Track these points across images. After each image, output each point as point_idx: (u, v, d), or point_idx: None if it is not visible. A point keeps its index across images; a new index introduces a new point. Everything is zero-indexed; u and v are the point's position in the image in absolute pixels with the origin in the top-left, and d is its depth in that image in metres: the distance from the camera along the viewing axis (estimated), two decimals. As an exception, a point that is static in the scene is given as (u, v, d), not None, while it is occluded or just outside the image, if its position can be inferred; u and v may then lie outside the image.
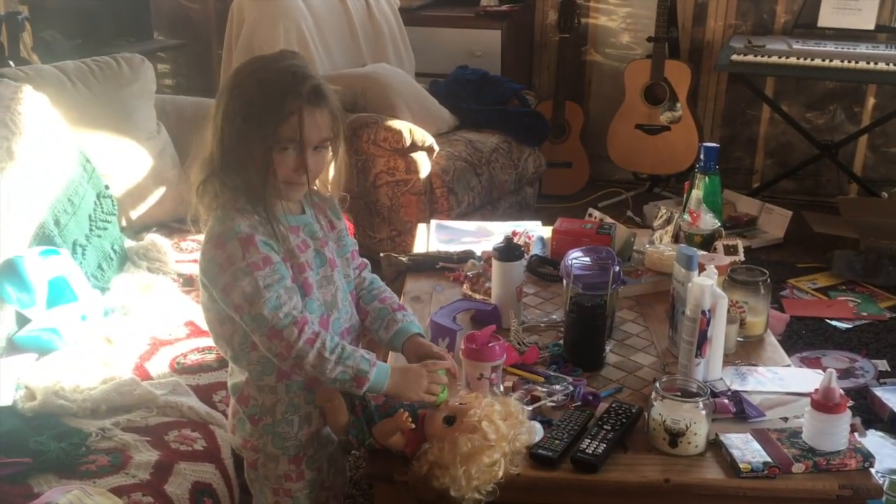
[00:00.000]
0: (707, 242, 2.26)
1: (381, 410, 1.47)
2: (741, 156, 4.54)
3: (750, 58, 3.89)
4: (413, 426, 1.40)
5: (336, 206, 1.61)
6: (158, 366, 1.97)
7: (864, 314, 3.20)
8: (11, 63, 3.60)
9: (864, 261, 3.48)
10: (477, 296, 2.08)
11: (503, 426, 1.41)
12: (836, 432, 1.48)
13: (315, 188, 1.55)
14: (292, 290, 1.43)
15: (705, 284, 1.64)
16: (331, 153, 1.50)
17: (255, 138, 1.39)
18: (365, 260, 1.70)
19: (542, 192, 4.24)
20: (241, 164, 1.41)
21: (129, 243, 2.54)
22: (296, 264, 1.46)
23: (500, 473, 1.39)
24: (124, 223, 2.65)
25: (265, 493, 1.58)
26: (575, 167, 4.46)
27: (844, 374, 2.78)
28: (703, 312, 1.63)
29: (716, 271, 1.71)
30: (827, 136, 4.28)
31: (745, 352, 1.88)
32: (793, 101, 4.37)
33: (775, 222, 3.95)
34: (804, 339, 3.02)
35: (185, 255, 2.59)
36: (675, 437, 1.49)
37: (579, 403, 1.65)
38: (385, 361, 1.70)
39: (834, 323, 3.14)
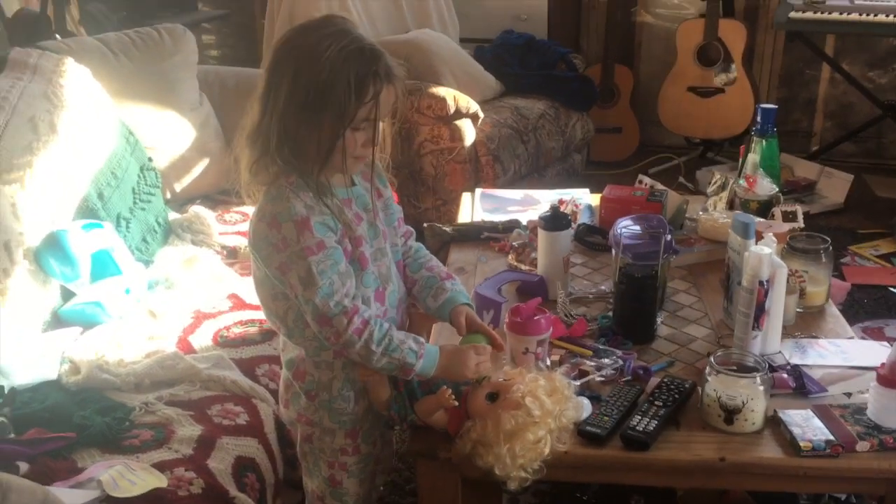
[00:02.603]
0: (764, 209, 2.17)
1: (424, 387, 1.43)
2: (799, 118, 4.37)
3: (809, 14, 3.72)
4: (456, 403, 1.36)
5: (382, 173, 1.56)
6: (202, 339, 1.96)
7: (929, 281, 3.06)
8: (58, 36, 3.62)
9: (929, 225, 3.33)
10: (523, 266, 2.03)
11: (548, 402, 1.36)
12: (904, 409, 1.40)
13: None
14: (346, 274, 1.39)
15: (763, 253, 1.55)
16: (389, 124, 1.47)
17: (328, 120, 1.34)
18: (410, 229, 1.66)
19: (591, 159, 4.15)
20: (305, 143, 1.36)
21: (172, 216, 2.53)
22: (353, 237, 1.43)
23: (547, 450, 1.34)
24: (168, 196, 2.64)
25: (319, 466, 1.57)
26: (624, 132, 4.34)
27: (909, 344, 2.66)
28: (761, 283, 1.55)
29: (774, 239, 1.62)
30: (890, 95, 4.08)
31: (805, 323, 1.79)
32: (854, 59, 4.17)
33: (835, 187, 3.80)
34: (866, 308, 2.90)
35: (228, 226, 2.58)
36: (730, 413, 1.42)
37: (629, 378, 1.59)
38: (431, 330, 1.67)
39: (897, 291, 3.01)
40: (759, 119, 2.31)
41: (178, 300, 2.08)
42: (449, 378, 1.43)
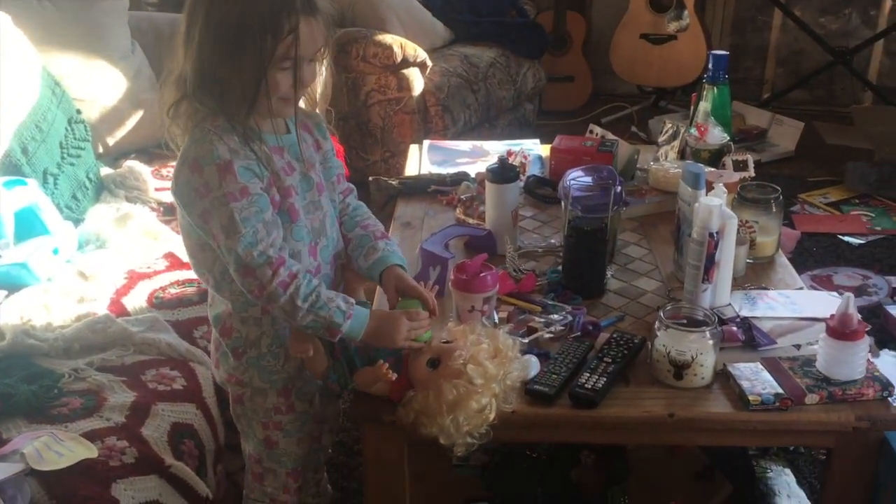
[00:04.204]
0: (715, 158, 2.13)
1: (362, 353, 1.37)
2: (751, 65, 4.34)
3: (762, -41, 3.66)
4: (394, 377, 1.30)
5: (322, 125, 1.49)
6: (136, 300, 1.87)
7: (878, 229, 3.08)
8: (-21, -18, 3.41)
9: (878, 173, 3.33)
10: (471, 220, 1.97)
11: (491, 367, 1.31)
12: (853, 361, 1.38)
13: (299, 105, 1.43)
14: (272, 223, 1.32)
15: (713, 204, 1.51)
16: (322, 64, 1.38)
17: (246, 59, 1.26)
18: (351, 185, 1.58)
19: (543, 108, 4.08)
20: (225, 85, 1.29)
21: (105, 171, 2.41)
22: (281, 188, 1.35)
23: (492, 416, 1.30)
24: (100, 150, 2.52)
25: (253, 428, 1.51)
26: (577, 81, 4.28)
27: (857, 291, 2.67)
28: (711, 235, 1.52)
29: (724, 190, 1.59)
30: (842, 41, 4.07)
31: (755, 274, 1.77)
32: (806, 5, 4.15)
33: (786, 134, 3.79)
34: (815, 256, 2.91)
35: (165, 182, 2.46)
36: (680, 368, 1.40)
37: (578, 334, 1.55)
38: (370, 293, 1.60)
39: (846, 239, 3.02)
40: (710, 66, 2.26)
41: (111, 260, 1.98)
42: (378, 344, 1.37)
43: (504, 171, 1.83)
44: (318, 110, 1.48)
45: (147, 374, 1.63)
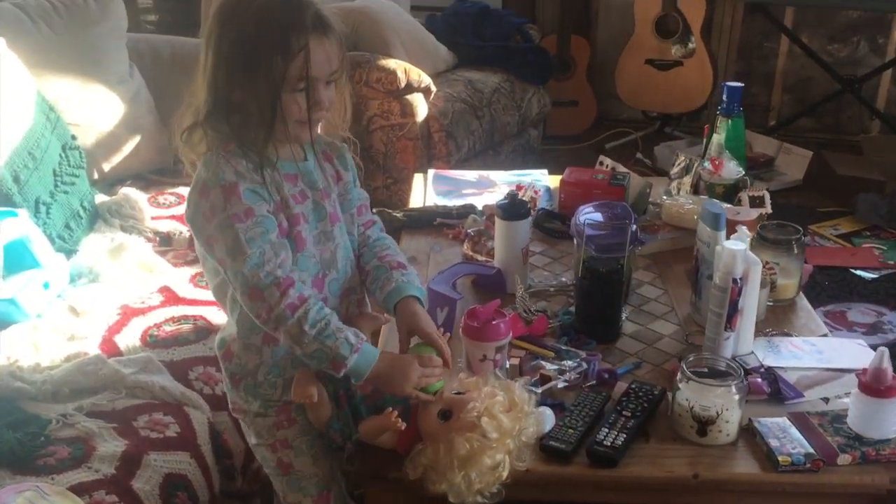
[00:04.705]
0: (730, 193, 2.07)
1: (369, 402, 1.29)
2: (757, 92, 4.29)
3: (771, -14, 3.62)
4: (403, 426, 1.22)
5: (345, 155, 1.44)
6: (129, 339, 1.79)
7: (891, 262, 3.01)
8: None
9: (889, 205, 3.27)
10: (479, 257, 1.89)
11: (506, 420, 1.23)
12: (887, 418, 1.31)
13: (319, 133, 1.38)
14: (279, 245, 1.27)
15: (737, 249, 1.44)
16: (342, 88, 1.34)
17: (259, 82, 1.22)
18: (375, 218, 1.52)
19: (546, 133, 4.01)
20: (242, 110, 1.26)
21: (101, 198, 2.34)
22: (289, 216, 1.30)
23: (505, 474, 1.22)
24: (95, 176, 2.44)
25: (266, 457, 1.44)
26: (581, 106, 4.22)
27: (871, 329, 2.61)
28: (735, 280, 1.44)
29: (748, 233, 1.51)
30: (849, 69, 4.02)
31: (776, 318, 1.70)
32: (813, 32, 4.10)
33: (794, 163, 3.73)
34: (827, 290, 2.84)
35: (162, 210, 2.40)
36: (704, 424, 1.32)
37: (594, 383, 1.48)
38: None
39: (859, 273, 2.95)
40: (724, 97, 2.21)
41: (104, 294, 1.90)
42: (386, 389, 1.29)
43: (514, 208, 1.76)
44: (341, 137, 1.44)
45: (139, 420, 1.55)
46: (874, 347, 1.37)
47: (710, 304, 1.49)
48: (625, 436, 1.31)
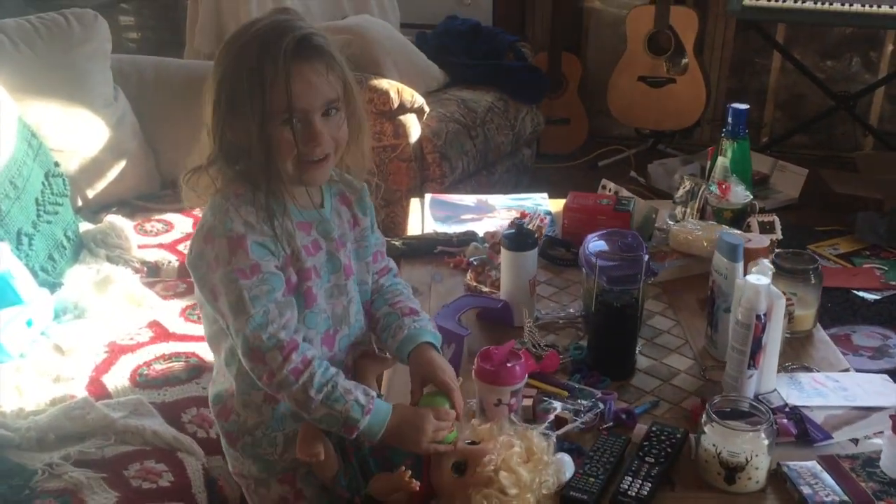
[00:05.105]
0: (738, 218, 2.01)
1: (377, 454, 1.22)
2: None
3: (763, 2, 3.58)
4: (417, 487, 1.15)
5: (365, 198, 1.34)
6: (117, 378, 1.70)
7: (893, 283, 2.96)
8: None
9: (888, 224, 3.23)
10: (483, 287, 1.82)
11: (525, 473, 1.16)
12: (924, 462, 1.25)
13: (338, 172, 1.29)
14: (285, 304, 1.18)
15: (760, 285, 1.38)
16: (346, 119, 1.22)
17: (245, 119, 1.14)
18: (391, 265, 1.43)
19: (539, 152, 3.96)
20: (241, 150, 1.17)
21: (85, 226, 2.25)
22: (300, 269, 1.22)
23: (526, 530, 1.14)
24: (79, 203, 2.36)
25: None
26: (572, 123, 4.17)
27: (877, 353, 2.56)
28: (758, 317, 1.38)
29: (770, 266, 1.45)
30: (842, 86, 4.00)
31: (794, 351, 1.63)
32: (805, 48, 4.07)
33: (790, 181, 3.69)
34: (830, 313, 2.78)
35: (149, 238, 2.31)
36: (732, 471, 1.25)
37: (611, 424, 1.41)
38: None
39: (861, 294, 2.90)
40: (729, 119, 2.17)
41: (90, 331, 1.82)
42: (400, 446, 1.21)
43: (521, 238, 1.69)
44: (360, 178, 1.33)
45: (130, 469, 1.47)
46: (887, 373, 1.31)
47: (732, 341, 1.42)
48: (650, 485, 1.24)
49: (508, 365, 1.32)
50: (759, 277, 1.39)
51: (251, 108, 1.13)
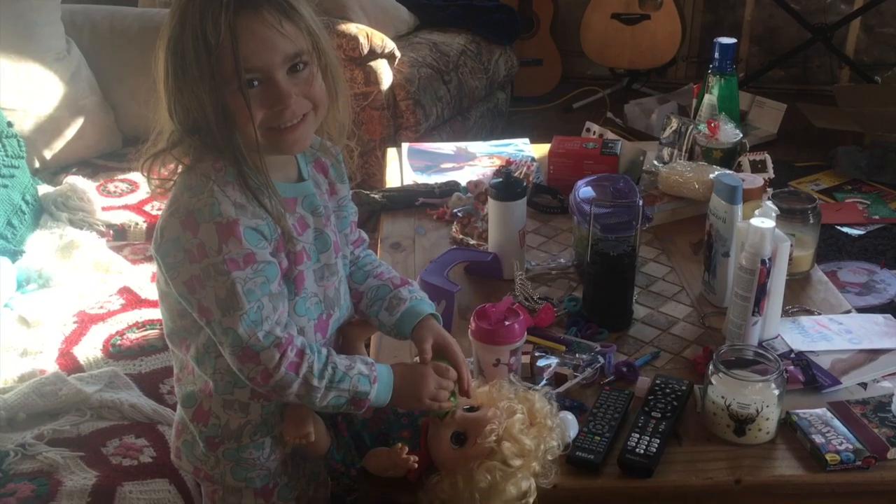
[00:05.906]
0: (729, 157, 1.96)
1: (371, 428, 1.15)
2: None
3: (739, -67, 3.48)
4: (416, 464, 1.08)
5: (341, 164, 1.21)
6: (89, 350, 1.62)
7: (876, 217, 2.94)
8: None
9: (869, 157, 3.20)
10: (470, 240, 1.75)
11: (528, 441, 1.09)
12: (937, 406, 1.21)
13: (315, 137, 1.14)
14: (278, 296, 1.06)
15: (765, 228, 1.32)
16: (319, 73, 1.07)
17: (197, 84, 0.99)
18: (363, 235, 1.31)
19: (512, 94, 3.86)
20: (196, 127, 1.03)
21: (44, 189, 2.13)
22: (292, 252, 1.10)
23: (532, 500, 1.09)
24: (37, 165, 2.23)
25: None
26: (545, 65, 4.06)
27: (864, 288, 2.54)
28: (763, 262, 1.32)
29: (774, 208, 1.39)
30: (819, 18, 3.92)
31: (792, 293, 1.58)
32: (780, -21, 3.98)
33: (768, 116, 3.64)
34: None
35: (113, 199, 2.20)
36: (742, 423, 1.20)
37: (612, 378, 1.35)
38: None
39: (845, 229, 2.87)
40: (716, 55, 2.09)
41: (57, 300, 1.72)
42: (402, 405, 1.15)
43: (510, 187, 1.62)
44: (337, 143, 1.19)
45: (109, 446, 1.39)
46: (876, 308, 1.27)
47: (736, 288, 1.37)
48: (658, 441, 1.19)
49: (507, 323, 1.25)
50: (764, 220, 1.33)
51: (199, 71, 0.98)
